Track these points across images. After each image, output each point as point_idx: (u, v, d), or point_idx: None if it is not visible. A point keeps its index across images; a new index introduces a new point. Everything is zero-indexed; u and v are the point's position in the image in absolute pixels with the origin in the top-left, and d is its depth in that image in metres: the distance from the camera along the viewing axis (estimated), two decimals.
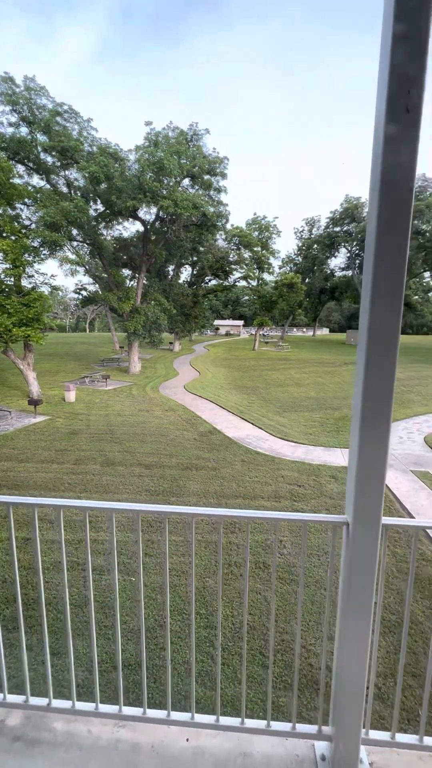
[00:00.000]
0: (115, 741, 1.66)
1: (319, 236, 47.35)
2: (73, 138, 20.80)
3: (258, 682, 4.30)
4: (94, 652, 1.77)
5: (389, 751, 1.62)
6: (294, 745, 1.65)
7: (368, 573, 1.41)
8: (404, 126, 1.14)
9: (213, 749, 1.63)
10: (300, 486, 9.12)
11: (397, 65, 1.12)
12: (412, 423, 14.48)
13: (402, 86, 1.13)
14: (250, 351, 39.71)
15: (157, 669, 4.42)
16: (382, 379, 1.29)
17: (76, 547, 6.54)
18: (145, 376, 24.09)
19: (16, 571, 1.74)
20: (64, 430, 12.97)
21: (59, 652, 4.48)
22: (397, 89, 1.13)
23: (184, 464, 10.25)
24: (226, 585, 5.83)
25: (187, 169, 23.08)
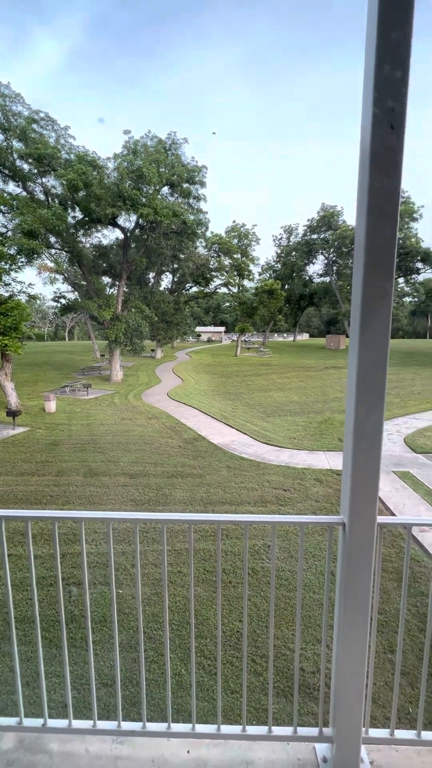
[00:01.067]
0: (114, 758, 1.62)
1: (297, 243, 48.39)
2: (50, 145, 20.62)
3: (251, 690, 4.27)
4: (92, 669, 1.73)
5: (388, 749, 1.64)
6: (296, 750, 1.65)
7: (365, 572, 1.44)
8: (389, 142, 1.20)
9: (215, 760, 1.61)
10: (286, 490, 9.18)
11: (382, 84, 1.18)
12: (392, 425, 14.85)
13: (386, 104, 1.19)
14: (232, 357, 39.94)
15: (155, 683, 4.33)
16: (374, 383, 1.34)
17: (60, 562, 6.35)
18: (128, 384, 23.83)
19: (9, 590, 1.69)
20: (44, 442, 12.65)
21: (54, 671, 4.33)
22: (382, 108, 1.19)
23: (169, 472, 10.16)
24: (215, 593, 5.79)
25: (167, 177, 23.23)
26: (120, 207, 20.87)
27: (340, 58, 52.08)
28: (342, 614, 1.50)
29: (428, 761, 1.61)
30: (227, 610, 5.45)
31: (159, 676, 4.39)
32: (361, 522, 1.42)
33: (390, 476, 9.96)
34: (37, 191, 22.72)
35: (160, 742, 1.68)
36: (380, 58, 1.16)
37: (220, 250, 37.13)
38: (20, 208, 19.81)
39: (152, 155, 22.19)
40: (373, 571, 1.46)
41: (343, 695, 1.54)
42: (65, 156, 21.17)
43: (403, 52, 1.16)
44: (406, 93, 1.18)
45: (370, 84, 1.20)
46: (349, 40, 30.38)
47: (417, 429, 14.13)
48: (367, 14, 1.20)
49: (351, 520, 1.43)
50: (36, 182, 22.41)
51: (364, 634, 1.49)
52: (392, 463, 10.80)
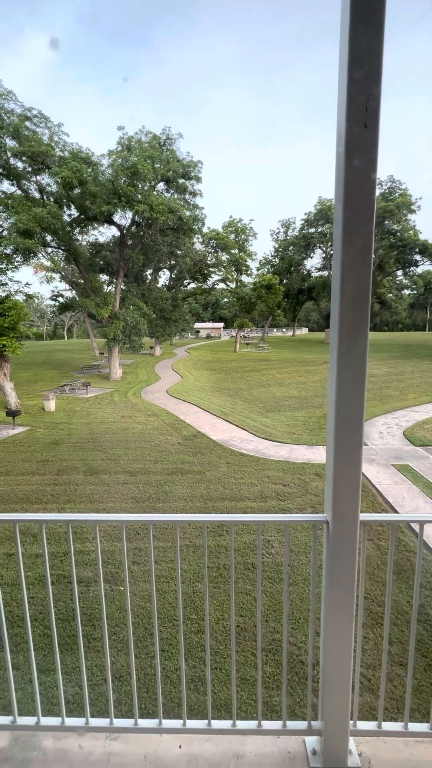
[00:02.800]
0: (107, 755, 1.65)
1: (294, 238, 48.14)
2: (44, 143, 20.48)
3: (251, 683, 4.32)
4: (83, 667, 1.75)
5: (377, 740, 1.67)
6: (286, 743, 1.68)
7: (349, 568, 1.46)
8: (363, 141, 1.20)
9: (206, 754, 1.64)
10: (285, 485, 9.22)
11: (355, 83, 1.18)
12: (391, 418, 14.87)
13: (360, 102, 1.19)
14: (231, 353, 39.92)
15: (148, 679, 4.38)
16: (354, 380, 1.34)
17: (61, 560, 6.41)
18: (127, 382, 23.85)
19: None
20: (44, 441, 12.69)
21: (47, 669, 4.38)
22: (356, 106, 1.19)
23: (169, 469, 10.20)
24: (216, 588, 5.84)
25: (162, 173, 23.08)
26: (115, 204, 20.75)
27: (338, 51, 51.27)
28: (328, 610, 1.52)
29: (416, 752, 1.64)
30: (227, 605, 5.50)
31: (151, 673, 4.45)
32: (345, 520, 1.43)
33: (389, 469, 9.99)
34: (32, 189, 22.61)
35: (153, 738, 1.70)
36: (353, 56, 1.16)
37: (217, 246, 36.95)
38: (15, 207, 19.71)
39: (147, 151, 22.03)
40: (357, 567, 1.47)
41: (331, 689, 1.56)
42: (59, 153, 21.02)
43: (375, 50, 1.15)
44: (379, 91, 1.18)
45: (344, 78, 1.19)
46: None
47: (416, 422, 14.15)
48: (340, 11, 1.20)
49: (334, 518, 1.44)
50: (30, 180, 22.28)
51: (349, 629, 1.51)
52: (391, 456, 10.83)
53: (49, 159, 20.51)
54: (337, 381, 1.34)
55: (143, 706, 4.02)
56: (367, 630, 4.99)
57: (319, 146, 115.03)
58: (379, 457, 10.81)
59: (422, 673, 4.42)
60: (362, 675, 4.40)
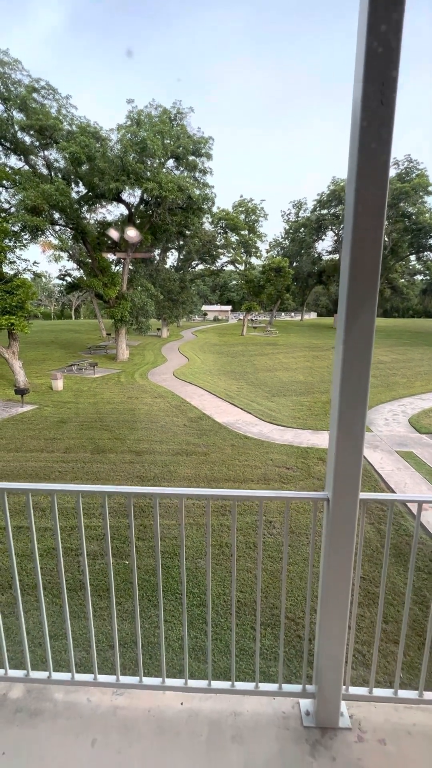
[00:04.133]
0: (113, 708, 1.77)
1: (306, 219, 46.95)
2: (52, 116, 19.96)
3: (249, 654, 4.52)
4: (92, 629, 1.86)
5: (367, 705, 1.77)
6: (281, 704, 1.79)
7: (348, 544, 1.51)
8: (378, 118, 1.18)
9: (206, 711, 1.75)
10: (288, 468, 9.34)
11: (372, 56, 1.15)
12: (397, 405, 14.82)
13: (377, 78, 1.16)
14: (238, 336, 39.70)
15: (152, 647, 4.59)
16: (359, 362, 1.36)
17: (69, 534, 6.63)
18: (134, 363, 23.95)
19: (13, 557, 1.80)
20: (52, 419, 12.91)
21: (57, 634, 4.61)
22: (372, 81, 1.17)
23: (175, 450, 10.36)
24: (218, 565, 6.02)
25: (171, 149, 22.47)
26: (124, 181, 20.33)
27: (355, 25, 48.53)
28: (325, 583, 1.58)
29: (404, 716, 1.73)
30: (229, 581, 5.69)
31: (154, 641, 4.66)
32: (345, 498, 1.48)
33: (393, 456, 10.04)
34: (39, 165, 22.19)
35: (156, 694, 1.82)
36: (371, 27, 1.13)
37: (226, 227, 36.24)
38: (23, 183, 19.41)
39: (156, 126, 21.40)
40: (355, 544, 1.53)
41: (325, 655, 1.64)
42: (67, 127, 20.51)
43: (395, 25, 1.12)
44: (397, 67, 1.15)
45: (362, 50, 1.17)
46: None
47: (422, 409, 14.10)
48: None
49: (335, 496, 1.49)
50: (38, 156, 21.84)
51: (345, 600, 1.58)
52: (396, 443, 10.86)
53: (57, 133, 20.03)
54: (343, 357, 1.36)
55: (146, 670, 4.23)
56: (363, 609, 5.15)
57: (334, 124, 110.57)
58: (384, 444, 10.85)
59: (415, 650, 4.58)
60: (357, 651, 4.57)
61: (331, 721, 1.68)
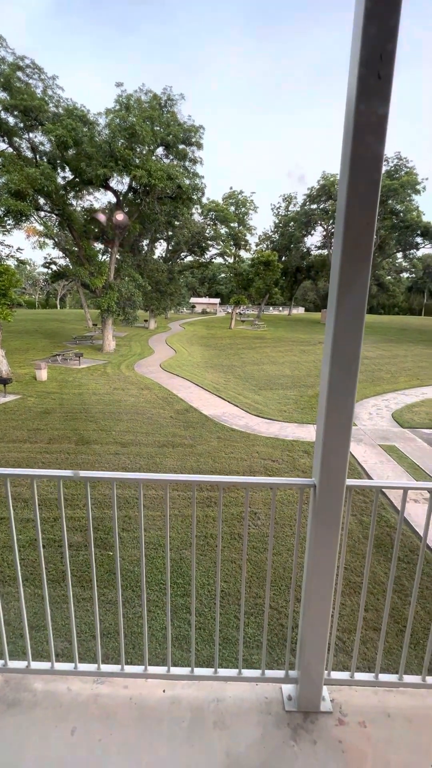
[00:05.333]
0: (94, 696, 1.74)
1: (296, 213, 46.90)
2: (37, 97, 19.27)
3: (233, 642, 4.55)
4: (72, 619, 1.82)
5: (349, 689, 1.79)
6: (263, 689, 1.79)
7: (333, 530, 1.51)
8: (376, 92, 1.14)
9: (188, 697, 1.74)
10: (274, 461, 9.41)
11: (370, 33, 1.12)
12: (381, 400, 15.07)
13: (374, 52, 1.13)
14: (226, 329, 39.62)
15: (135, 637, 4.59)
16: (349, 352, 1.35)
17: (51, 525, 6.54)
18: (120, 355, 23.66)
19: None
20: (36, 410, 12.67)
21: (38, 625, 4.55)
22: (370, 55, 1.13)
23: (161, 442, 10.30)
24: (203, 555, 6.04)
25: (161, 137, 22.02)
26: (112, 168, 19.86)
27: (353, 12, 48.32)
28: (310, 569, 1.58)
29: (384, 699, 1.76)
30: (213, 571, 5.71)
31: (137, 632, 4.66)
32: (331, 484, 1.47)
33: (376, 449, 10.22)
34: (23, 147, 21.46)
35: (138, 682, 1.80)
36: (368, 19, 1.11)
37: (216, 218, 35.94)
38: (6, 165, 18.76)
39: (146, 112, 20.93)
40: (341, 530, 1.52)
41: (308, 640, 1.65)
42: (53, 109, 19.85)
43: (392, 18, 1.10)
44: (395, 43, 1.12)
45: (359, 26, 1.13)
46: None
47: (405, 404, 14.37)
48: None
49: (321, 482, 1.48)
50: (22, 138, 21.10)
51: (329, 586, 1.58)
52: (379, 437, 11.05)
53: (42, 115, 19.37)
54: (332, 346, 1.34)
55: (129, 660, 4.23)
56: (345, 598, 5.25)
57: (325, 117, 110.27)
58: (367, 438, 11.03)
59: (394, 637, 4.70)
60: (339, 638, 4.66)
61: (313, 705, 1.69)
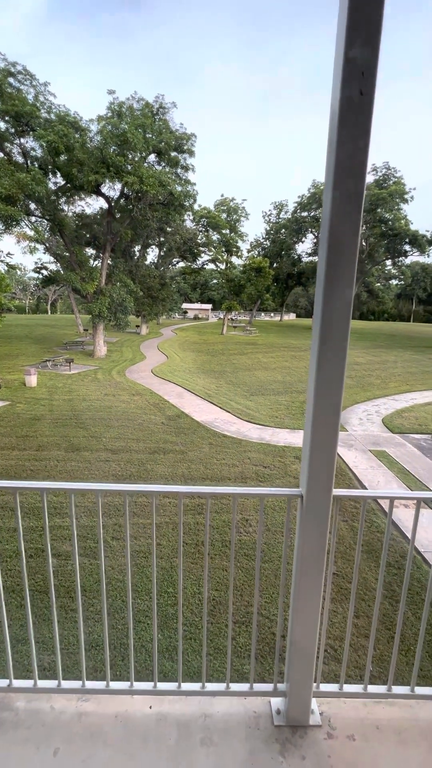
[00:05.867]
0: (78, 714, 1.69)
1: (287, 221, 47.45)
2: (29, 103, 19.28)
3: (223, 653, 4.49)
4: (56, 633, 1.78)
5: (337, 701, 1.77)
6: (252, 704, 1.76)
7: (321, 540, 1.50)
8: (358, 107, 1.16)
9: (175, 713, 1.70)
10: (266, 467, 9.39)
11: (352, 48, 1.14)
12: (371, 405, 15.21)
13: (356, 68, 1.15)
14: (218, 335, 39.70)
15: (124, 648, 4.50)
16: (335, 363, 1.35)
17: (39, 534, 6.42)
18: (111, 360, 23.53)
19: None
20: (25, 416, 12.49)
21: (23, 639, 4.44)
22: (351, 72, 1.15)
23: (152, 448, 10.23)
24: (193, 563, 5.98)
25: (153, 144, 22.15)
26: (104, 174, 19.90)
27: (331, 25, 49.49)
28: (298, 580, 1.57)
29: (373, 711, 1.74)
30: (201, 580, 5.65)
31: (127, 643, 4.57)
32: (318, 494, 1.47)
33: (366, 455, 10.28)
34: (14, 153, 21.39)
35: (124, 699, 1.76)
36: (350, 35, 1.13)
37: (208, 225, 36.17)
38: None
39: (138, 119, 21.05)
40: (328, 540, 1.52)
41: (297, 653, 1.63)
42: (45, 115, 19.87)
43: (373, 30, 1.12)
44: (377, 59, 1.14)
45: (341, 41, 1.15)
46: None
47: (395, 410, 14.52)
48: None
49: (309, 492, 1.47)
50: (13, 143, 21.05)
51: (317, 598, 1.57)
52: (369, 443, 11.13)
53: (33, 121, 19.37)
54: (318, 357, 1.35)
55: (117, 673, 4.14)
56: (336, 605, 5.23)
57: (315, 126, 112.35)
58: (358, 443, 11.09)
59: (384, 644, 4.69)
60: (329, 645, 4.63)
61: (302, 719, 1.67)
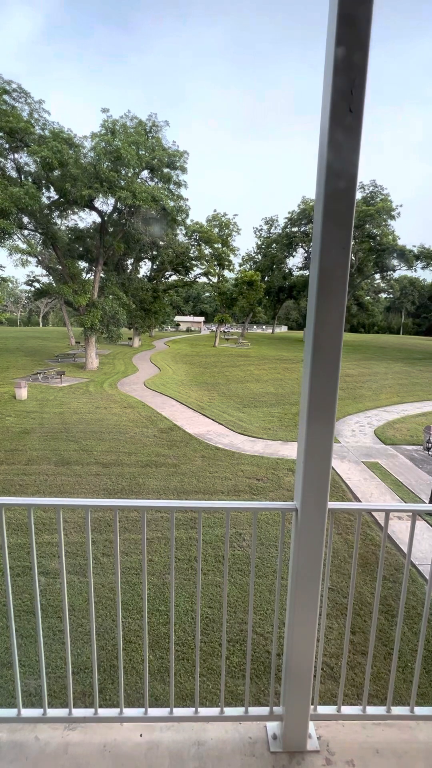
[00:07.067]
0: (64, 745, 1.60)
1: (277, 236, 48.35)
2: (23, 119, 19.57)
3: (218, 673, 4.36)
4: (42, 658, 1.70)
5: (335, 724, 1.71)
6: (247, 729, 1.69)
7: (316, 554, 1.47)
8: (347, 124, 1.18)
9: (167, 741, 1.63)
10: (259, 480, 9.32)
11: (340, 66, 1.17)
12: (363, 417, 15.28)
13: (345, 86, 1.18)
14: (210, 347, 39.84)
15: (115, 670, 4.34)
16: (327, 375, 1.35)
17: (28, 552, 6.23)
18: (103, 373, 23.39)
19: None
20: (14, 429, 12.28)
21: (8, 662, 4.26)
22: (341, 90, 1.18)
23: (144, 462, 10.10)
24: (186, 580, 5.84)
25: (146, 160, 22.56)
26: (97, 189, 20.14)
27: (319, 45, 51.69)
28: (293, 597, 1.52)
29: (372, 734, 1.68)
30: (194, 597, 5.51)
31: (114, 662, 4.41)
32: (313, 508, 1.44)
33: (359, 466, 10.27)
34: (8, 168, 21.59)
35: (113, 727, 1.67)
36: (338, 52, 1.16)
37: (200, 239, 36.64)
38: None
39: (131, 137, 21.46)
40: (324, 555, 1.49)
41: (293, 675, 1.58)
42: (39, 132, 20.17)
43: (362, 38, 1.15)
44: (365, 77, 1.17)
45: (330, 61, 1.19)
46: None
47: (387, 421, 14.61)
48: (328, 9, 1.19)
49: (303, 506, 1.44)
50: (7, 158, 21.26)
51: (313, 616, 1.53)
52: (362, 454, 11.14)
53: (28, 137, 19.64)
54: (311, 370, 1.34)
55: (108, 697, 3.98)
56: (332, 620, 5.13)
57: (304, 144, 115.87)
58: (351, 455, 11.10)
59: (382, 661, 4.59)
60: (325, 663, 4.52)
61: (299, 744, 1.60)
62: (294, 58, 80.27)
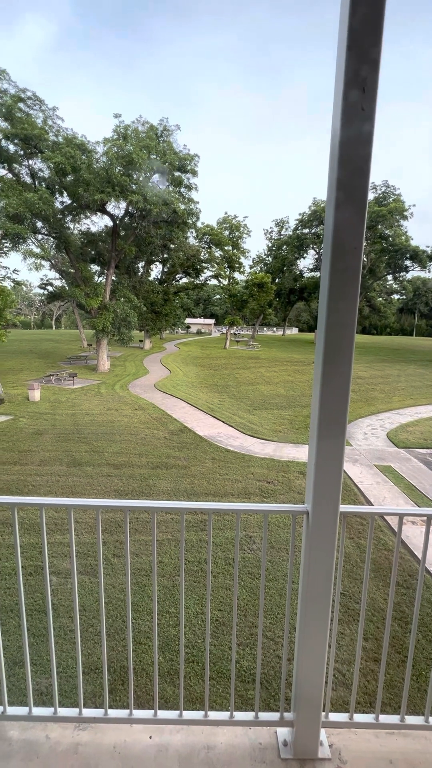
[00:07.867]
0: (75, 745, 1.61)
1: (288, 237, 48.21)
2: (38, 126, 19.98)
3: (227, 677, 4.33)
4: (53, 657, 1.71)
5: (347, 732, 1.68)
6: (257, 734, 1.67)
7: (327, 557, 1.45)
8: (360, 124, 1.17)
9: (176, 744, 1.62)
10: (269, 482, 9.26)
11: (352, 66, 1.16)
12: (375, 420, 15.07)
13: (357, 86, 1.16)
14: (221, 349, 39.86)
15: (125, 671, 4.35)
16: (339, 377, 1.33)
17: (40, 552, 6.30)
18: (115, 375, 23.61)
19: None
20: (27, 431, 12.47)
21: (20, 661, 4.31)
22: (353, 89, 1.16)
23: (154, 463, 10.14)
24: (196, 582, 5.83)
25: (157, 165, 22.79)
26: (109, 193, 20.41)
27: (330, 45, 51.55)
28: (304, 602, 1.51)
29: (386, 743, 1.65)
30: (204, 600, 5.50)
31: (124, 663, 4.42)
32: (324, 511, 1.42)
33: (372, 470, 10.13)
34: (23, 173, 22.06)
35: (123, 728, 1.67)
36: (350, 51, 1.15)
37: (211, 242, 36.78)
38: (5, 190, 19.21)
39: (143, 141, 21.70)
40: (335, 559, 1.46)
41: (304, 681, 1.55)
42: (53, 138, 20.55)
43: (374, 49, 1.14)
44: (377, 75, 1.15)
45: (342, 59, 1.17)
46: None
47: (400, 424, 14.37)
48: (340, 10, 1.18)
49: (314, 509, 1.43)
50: (22, 164, 21.73)
51: (325, 621, 1.50)
52: (374, 458, 10.98)
53: (42, 143, 20.03)
54: (323, 371, 1.33)
55: (118, 698, 3.99)
56: (343, 626, 5.05)
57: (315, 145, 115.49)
58: (363, 458, 10.95)
59: (395, 668, 4.50)
60: (337, 670, 4.45)
61: (310, 751, 1.58)
62: (304, 59, 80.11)
